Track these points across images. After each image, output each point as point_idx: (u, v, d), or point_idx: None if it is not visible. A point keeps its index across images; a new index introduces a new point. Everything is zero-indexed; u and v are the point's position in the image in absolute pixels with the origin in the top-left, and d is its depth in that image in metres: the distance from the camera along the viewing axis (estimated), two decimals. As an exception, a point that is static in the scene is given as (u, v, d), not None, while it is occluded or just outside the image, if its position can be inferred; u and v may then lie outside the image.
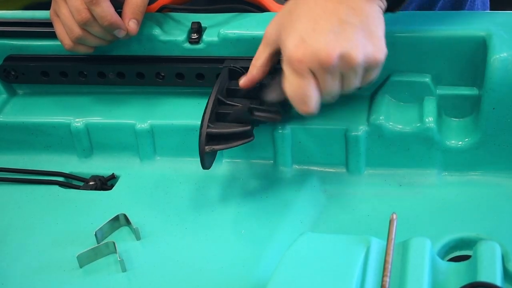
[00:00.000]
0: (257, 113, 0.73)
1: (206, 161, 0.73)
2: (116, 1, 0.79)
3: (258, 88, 0.75)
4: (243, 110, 0.73)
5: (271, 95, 0.73)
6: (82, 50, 0.82)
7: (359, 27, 0.67)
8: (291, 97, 0.69)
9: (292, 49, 0.67)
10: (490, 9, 1.02)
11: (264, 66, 0.73)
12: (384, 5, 0.70)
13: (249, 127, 0.73)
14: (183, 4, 0.91)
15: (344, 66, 0.67)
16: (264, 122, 0.76)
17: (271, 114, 0.74)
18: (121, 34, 0.80)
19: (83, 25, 0.78)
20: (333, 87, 0.68)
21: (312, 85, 0.68)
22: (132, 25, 0.80)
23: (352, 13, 0.67)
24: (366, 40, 0.67)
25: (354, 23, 0.67)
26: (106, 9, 0.77)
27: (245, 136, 0.74)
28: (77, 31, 0.79)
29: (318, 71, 0.67)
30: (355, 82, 0.69)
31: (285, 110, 0.76)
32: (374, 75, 0.70)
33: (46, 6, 0.83)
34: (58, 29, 0.81)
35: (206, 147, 0.72)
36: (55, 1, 0.81)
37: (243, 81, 0.74)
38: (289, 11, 0.70)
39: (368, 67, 0.68)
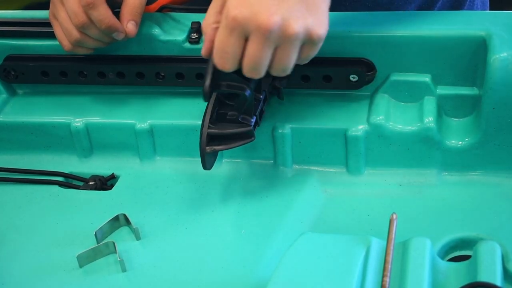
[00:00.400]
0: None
1: (207, 161, 0.73)
2: (114, 1, 0.79)
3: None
4: (245, 131, 0.73)
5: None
6: (81, 51, 0.82)
7: (305, 0, 0.66)
8: (215, 49, 0.67)
9: (234, 4, 0.65)
10: (490, 9, 1.02)
11: (218, 23, 0.69)
12: None
13: (250, 128, 0.73)
14: (183, 4, 0.91)
15: (282, 35, 0.65)
16: (252, 109, 0.75)
17: (240, 100, 0.73)
18: (119, 36, 0.80)
19: (81, 28, 0.78)
20: (264, 55, 0.66)
21: (238, 45, 0.66)
22: (130, 27, 0.80)
23: None
24: (308, 12, 0.66)
25: None
26: (103, 12, 0.77)
27: (246, 136, 0.73)
28: (75, 34, 0.79)
29: (253, 33, 0.65)
30: (290, 56, 0.67)
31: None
32: (313, 51, 0.68)
33: (46, 6, 0.83)
34: (57, 31, 0.81)
35: (207, 147, 0.72)
36: (53, 4, 0.81)
37: (204, 50, 0.70)
38: None
39: (307, 41, 0.67)
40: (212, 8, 0.70)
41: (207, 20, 0.70)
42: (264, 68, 0.67)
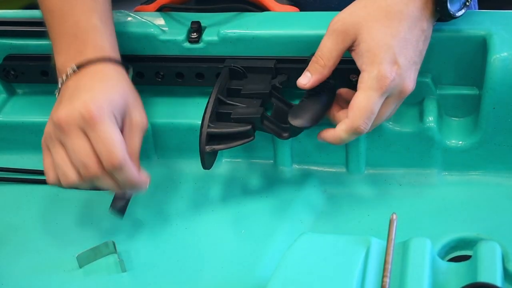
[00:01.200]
0: (266, 123, 0.73)
1: (207, 161, 0.73)
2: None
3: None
4: (255, 113, 0.73)
5: (297, 121, 0.71)
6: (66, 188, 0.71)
7: (423, 58, 0.72)
8: (362, 110, 0.68)
9: (388, 69, 0.67)
10: (490, 9, 1.02)
11: (335, 65, 0.71)
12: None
13: (249, 127, 0.73)
14: (183, 4, 0.91)
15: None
16: (265, 131, 0.75)
17: (278, 130, 0.74)
18: (134, 191, 0.72)
19: (88, 180, 0.68)
20: (390, 114, 0.72)
21: (378, 105, 0.69)
22: (144, 179, 0.71)
23: (426, 44, 0.71)
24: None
25: (424, 54, 0.71)
26: (130, 173, 0.68)
27: (246, 136, 0.73)
28: (73, 179, 0.68)
29: (393, 97, 0.69)
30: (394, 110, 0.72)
31: (294, 133, 0.74)
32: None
33: (46, 5, 0.83)
34: (46, 161, 0.71)
35: (207, 147, 0.72)
36: (48, 135, 0.70)
37: (308, 83, 0.71)
38: (375, 8, 0.70)
39: None
40: (335, 49, 0.70)
41: (328, 58, 0.71)
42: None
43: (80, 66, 0.72)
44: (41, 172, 0.83)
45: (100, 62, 0.73)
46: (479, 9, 1.00)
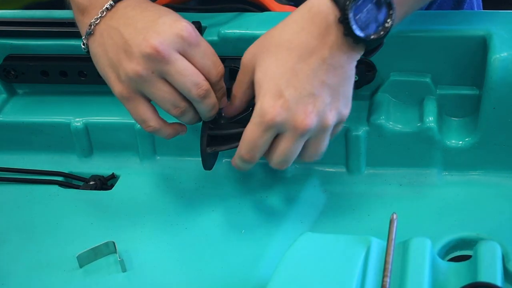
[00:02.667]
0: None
1: (208, 162, 0.73)
2: None
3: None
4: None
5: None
6: (168, 132, 0.72)
7: (335, 88, 0.65)
8: (245, 142, 0.66)
9: (270, 103, 0.64)
10: (490, 9, 1.02)
11: (247, 95, 0.69)
12: (359, 56, 0.66)
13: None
14: (183, 4, 0.91)
15: (318, 129, 0.66)
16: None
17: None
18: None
19: (201, 102, 0.68)
20: (296, 150, 0.66)
21: (269, 141, 0.66)
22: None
23: (333, 74, 0.64)
24: (337, 98, 0.66)
25: (333, 85, 0.65)
26: (214, 100, 0.69)
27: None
28: (183, 104, 0.68)
29: (289, 132, 0.65)
30: (324, 143, 0.68)
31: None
32: (339, 129, 0.70)
33: (46, 6, 0.83)
34: (141, 108, 0.69)
35: (208, 148, 0.72)
36: (133, 80, 0.67)
37: (228, 111, 0.71)
38: (268, 39, 0.67)
39: (337, 124, 0.68)
40: (243, 81, 0.68)
41: (238, 89, 0.69)
42: (292, 159, 0.68)
43: (116, 1, 0.69)
44: (41, 172, 0.84)
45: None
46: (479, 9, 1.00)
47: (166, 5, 0.88)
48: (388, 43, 0.75)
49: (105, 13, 0.69)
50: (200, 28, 0.82)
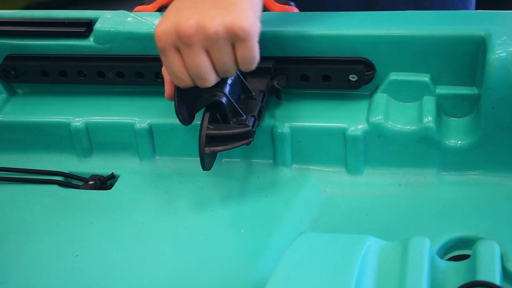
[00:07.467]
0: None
1: (206, 162, 0.73)
2: None
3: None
4: (243, 131, 0.73)
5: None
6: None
7: (219, 2, 0.67)
8: (167, 74, 0.71)
9: (158, 28, 0.68)
10: (490, 9, 1.02)
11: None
12: None
13: (249, 128, 0.73)
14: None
15: (203, 37, 0.66)
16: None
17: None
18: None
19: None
20: (199, 61, 0.68)
21: (177, 61, 0.68)
22: None
23: None
24: (225, 11, 0.67)
25: (215, 0, 0.68)
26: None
27: (245, 137, 0.73)
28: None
29: (180, 45, 0.67)
30: (223, 56, 0.68)
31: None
32: (247, 51, 0.68)
33: (46, 6, 0.84)
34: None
35: (206, 148, 0.72)
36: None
37: (166, 95, 0.75)
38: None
39: (233, 39, 0.67)
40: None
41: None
42: (210, 73, 0.69)
43: None
44: (41, 172, 0.84)
45: None
46: (479, 9, 1.01)
47: (166, 5, 0.88)
48: (388, 43, 0.76)
49: None
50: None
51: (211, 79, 0.69)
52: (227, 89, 0.72)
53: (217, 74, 0.70)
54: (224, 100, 0.72)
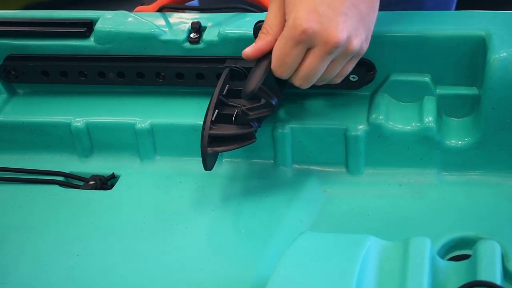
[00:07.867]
0: (252, 113, 0.73)
1: (208, 162, 0.73)
2: None
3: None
4: (240, 115, 0.73)
5: (247, 88, 0.71)
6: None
7: (363, 16, 0.67)
8: (275, 57, 0.68)
9: (304, 16, 0.65)
10: (490, 9, 1.02)
11: (280, 31, 0.69)
12: None
13: (251, 129, 0.73)
14: (183, 4, 0.91)
15: (343, 50, 0.67)
16: (264, 117, 0.75)
17: (264, 108, 0.74)
18: None
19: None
20: (321, 67, 0.68)
21: (300, 56, 0.67)
22: None
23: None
24: (363, 29, 0.68)
25: (362, 11, 0.67)
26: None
27: (247, 138, 0.74)
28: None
29: (319, 47, 0.66)
30: (339, 68, 0.69)
31: (273, 98, 0.75)
32: (351, 67, 0.71)
33: (46, 6, 0.83)
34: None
35: (208, 148, 0.72)
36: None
37: (253, 51, 0.70)
38: None
39: (354, 56, 0.69)
40: (276, 16, 0.69)
41: (271, 27, 0.69)
42: (315, 79, 0.69)
43: None
44: (41, 172, 0.84)
45: None
46: (478, 9, 1.00)
47: (167, 6, 0.88)
48: (388, 43, 0.76)
49: None
50: (200, 29, 0.83)
51: (311, 84, 0.70)
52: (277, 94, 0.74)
53: (318, 80, 0.70)
54: (274, 103, 0.74)
